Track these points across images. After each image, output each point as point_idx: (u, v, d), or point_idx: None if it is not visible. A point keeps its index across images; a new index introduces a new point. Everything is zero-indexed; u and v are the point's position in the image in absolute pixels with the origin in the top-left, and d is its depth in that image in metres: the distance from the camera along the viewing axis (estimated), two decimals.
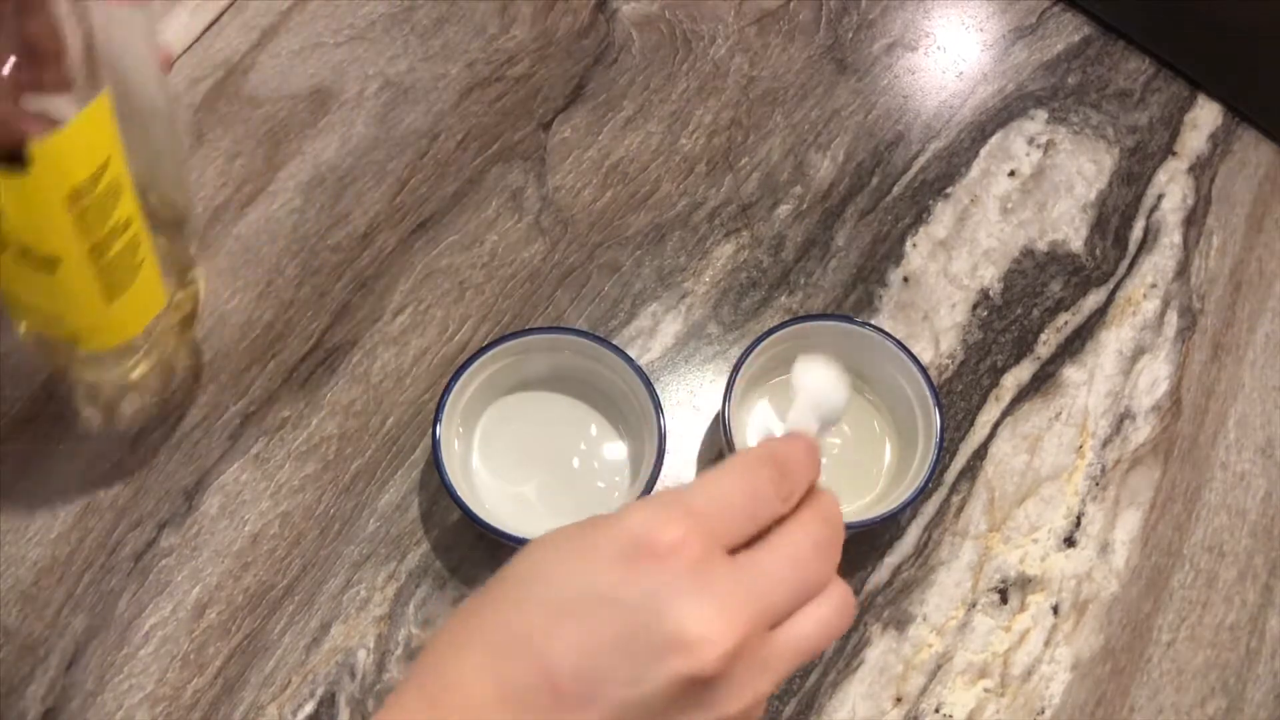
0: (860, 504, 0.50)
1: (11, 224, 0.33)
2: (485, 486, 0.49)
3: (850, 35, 0.64)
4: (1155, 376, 0.56)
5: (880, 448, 0.51)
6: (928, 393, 0.48)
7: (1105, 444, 0.54)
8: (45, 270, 0.35)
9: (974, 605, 0.50)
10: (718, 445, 0.52)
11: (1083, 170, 0.61)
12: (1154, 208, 0.60)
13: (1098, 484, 0.53)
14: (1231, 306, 0.58)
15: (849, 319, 0.50)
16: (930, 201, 0.59)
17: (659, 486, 0.51)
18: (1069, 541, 0.52)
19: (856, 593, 0.50)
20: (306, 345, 0.53)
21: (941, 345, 0.56)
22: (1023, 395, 0.55)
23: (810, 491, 0.31)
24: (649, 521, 0.27)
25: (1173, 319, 0.57)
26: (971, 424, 0.54)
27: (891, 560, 0.51)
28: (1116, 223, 0.60)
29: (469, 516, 0.45)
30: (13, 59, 0.31)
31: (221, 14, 0.61)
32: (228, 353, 0.53)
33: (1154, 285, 0.58)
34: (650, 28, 0.63)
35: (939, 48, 0.65)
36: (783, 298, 0.56)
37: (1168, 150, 0.62)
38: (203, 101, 0.59)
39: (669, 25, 0.64)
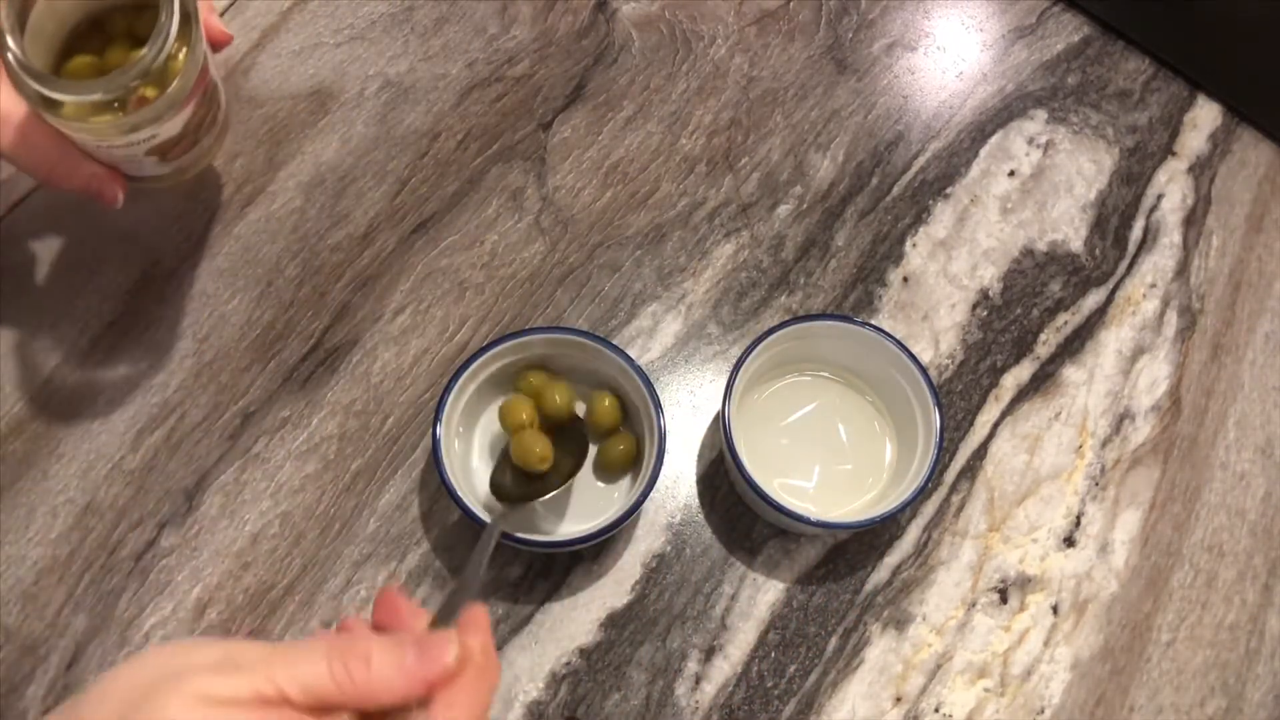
0: (860, 504, 0.50)
1: None
2: (485, 487, 0.49)
3: (850, 35, 0.64)
4: (1155, 376, 0.56)
5: (880, 448, 0.51)
6: (927, 393, 0.48)
7: (1105, 444, 0.54)
8: None
9: (974, 605, 0.50)
10: (718, 445, 0.52)
11: (1082, 170, 0.61)
12: (1154, 208, 0.60)
13: (1097, 484, 0.53)
14: (1231, 306, 0.58)
15: (849, 319, 0.50)
16: (930, 201, 0.59)
17: (659, 486, 0.51)
18: (1069, 541, 0.52)
19: (856, 592, 0.50)
20: (306, 345, 0.53)
21: (941, 345, 0.56)
22: (1022, 395, 0.55)
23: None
24: None
25: (1172, 319, 0.57)
26: (971, 424, 0.54)
27: (891, 560, 0.51)
28: (1116, 223, 0.60)
29: (469, 516, 0.45)
30: None
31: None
32: (228, 353, 0.53)
33: (1153, 285, 0.58)
34: (650, 28, 0.63)
35: (939, 48, 0.65)
36: (783, 298, 0.56)
37: (1167, 150, 0.62)
38: None
39: (669, 25, 0.64)
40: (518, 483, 0.47)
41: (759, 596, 0.49)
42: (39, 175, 0.45)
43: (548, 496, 0.46)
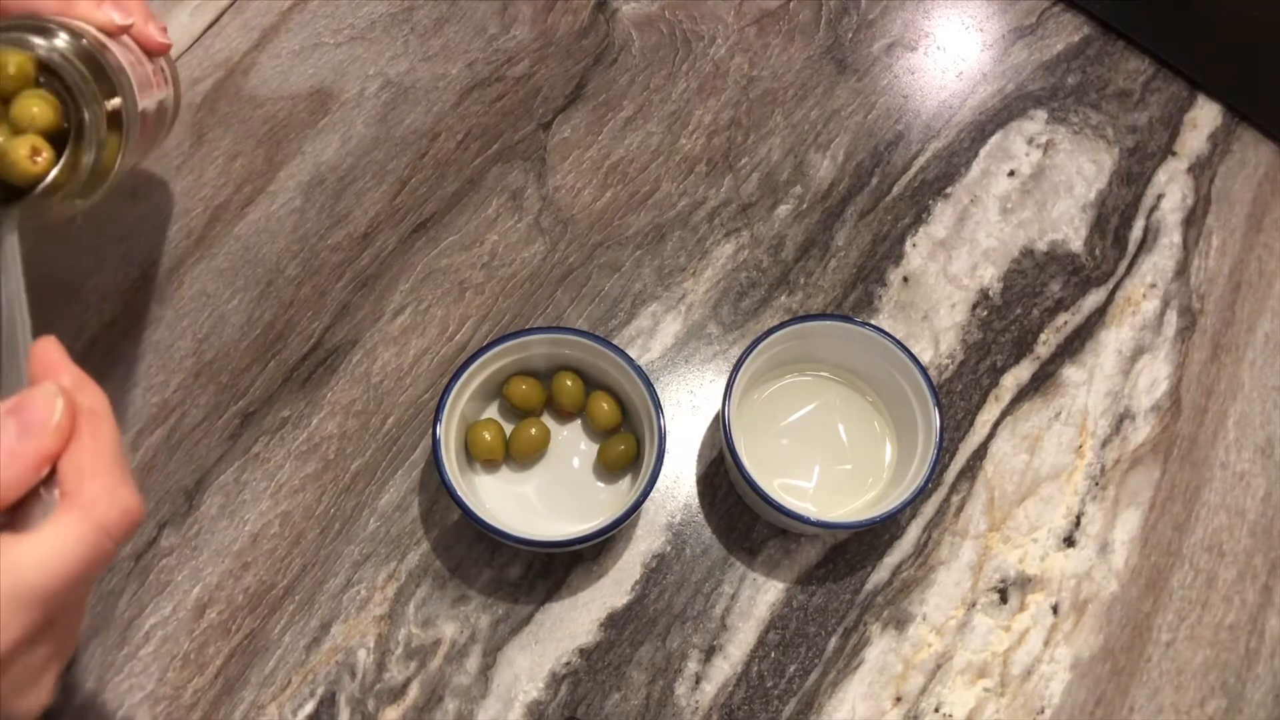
0: (860, 504, 0.50)
1: None
2: (485, 486, 0.49)
3: (850, 35, 0.64)
4: (1155, 376, 0.56)
5: (880, 448, 0.51)
6: (927, 393, 0.48)
7: (1105, 444, 0.54)
8: None
9: (974, 605, 0.50)
10: (718, 445, 0.52)
11: (1082, 170, 0.61)
12: (1153, 208, 0.60)
13: (1097, 484, 0.53)
14: (1231, 306, 0.58)
15: (849, 319, 0.50)
16: (930, 201, 0.59)
17: (659, 486, 0.51)
18: (1069, 541, 0.52)
19: (856, 592, 0.50)
20: (306, 345, 0.53)
21: (941, 345, 0.56)
22: (1022, 395, 0.55)
23: None
24: None
25: (1172, 319, 0.57)
26: (971, 424, 0.54)
27: (891, 560, 0.51)
28: (1116, 223, 0.60)
29: (469, 516, 0.45)
30: None
31: (221, 14, 0.61)
32: (228, 353, 0.53)
33: (1153, 285, 0.58)
34: (650, 28, 0.63)
35: (939, 48, 0.65)
36: (783, 298, 0.56)
37: (1167, 150, 0.62)
38: (203, 101, 0.59)
39: (669, 25, 0.64)
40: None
41: (759, 596, 0.49)
42: None
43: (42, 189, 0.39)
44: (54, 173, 0.39)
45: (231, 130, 0.58)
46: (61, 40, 0.39)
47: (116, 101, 0.41)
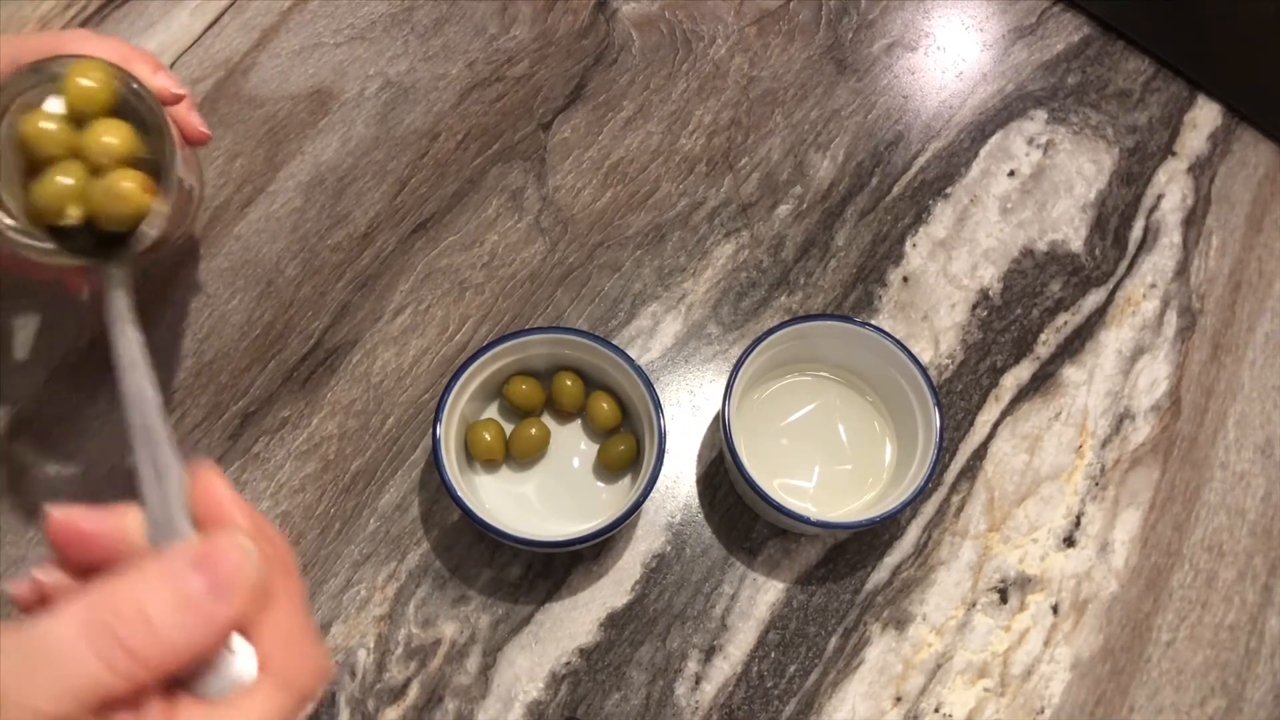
0: (860, 504, 0.50)
1: None
2: (485, 486, 0.49)
3: (850, 35, 0.64)
4: (1155, 376, 0.56)
5: (880, 448, 0.51)
6: (927, 393, 0.48)
7: (1105, 444, 0.54)
8: None
9: (974, 605, 0.50)
10: (718, 445, 0.52)
11: (1082, 170, 0.61)
12: (1153, 208, 0.60)
13: (1097, 484, 0.53)
14: (1231, 306, 0.58)
15: (849, 319, 0.50)
16: (930, 201, 0.59)
17: (659, 486, 0.51)
18: (1068, 541, 0.52)
19: (856, 592, 0.50)
20: (306, 345, 0.53)
21: (941, 345, 0.56)
22: (1022, 395, 0.55)
23: None
24: None
25: (1172, 319, 0.57)
26: (971, 424, 0.54)
27: (891, 560, 0.51)
28: (1116, 223, 0.60)
29: (469, 516, 0.45)
30: None
31: (221, 14, 0.61)
32: (228, 353, 0.53)
33: (1153, 285, 0.58)
34: (650, 28, 0.63)
35: (939, 48, 0.65)
36: (783, 298, 0.56)
37: (1167, 150, 0.62)
38: (203, 102, 0.59)
39: (669, 25, 0.64)
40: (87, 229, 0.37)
41: (759, 596, 0.49)
42: (3, 266, 0.43)
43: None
44: (157, 206, 0.35)
45: (231, 130, 0.58)
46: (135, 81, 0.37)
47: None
